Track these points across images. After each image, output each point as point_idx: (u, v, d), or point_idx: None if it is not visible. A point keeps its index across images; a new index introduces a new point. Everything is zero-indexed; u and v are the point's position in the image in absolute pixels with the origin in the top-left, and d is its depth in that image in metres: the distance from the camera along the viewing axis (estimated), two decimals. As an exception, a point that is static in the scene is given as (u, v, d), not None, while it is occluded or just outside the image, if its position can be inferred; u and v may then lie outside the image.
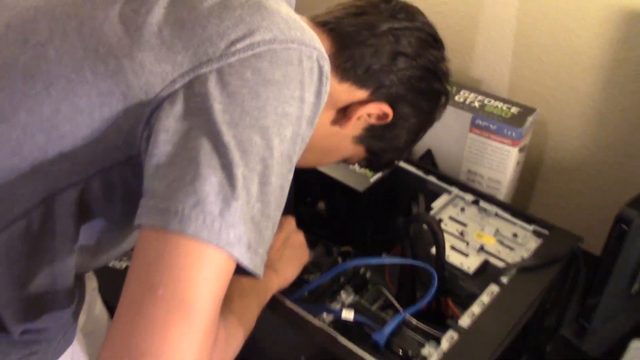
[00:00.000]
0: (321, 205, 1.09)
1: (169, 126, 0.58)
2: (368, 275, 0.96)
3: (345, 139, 0.80)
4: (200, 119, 0.58)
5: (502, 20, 1.14)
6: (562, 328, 1.02)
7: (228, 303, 0.66)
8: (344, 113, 0.76)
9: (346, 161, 0.87)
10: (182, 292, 0.53)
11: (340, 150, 0.82)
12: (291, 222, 0.88)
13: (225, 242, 0.54)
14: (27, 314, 0.70)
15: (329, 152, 0.82)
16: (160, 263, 0.54)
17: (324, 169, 1.04)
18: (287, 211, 0.83)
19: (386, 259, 0.90)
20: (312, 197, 1.09)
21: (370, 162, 0.87)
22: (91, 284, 1.00)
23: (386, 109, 0.77)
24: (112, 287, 0.55)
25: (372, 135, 0.80)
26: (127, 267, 0.74)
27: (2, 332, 0.70)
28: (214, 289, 0.55)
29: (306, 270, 0.91)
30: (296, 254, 0.85)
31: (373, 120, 0.78)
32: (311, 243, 0.91)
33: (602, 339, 1.03)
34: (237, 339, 0.65)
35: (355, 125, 0.78)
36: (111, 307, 1.04)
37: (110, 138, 0.61)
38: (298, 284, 0.86)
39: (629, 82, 1.05)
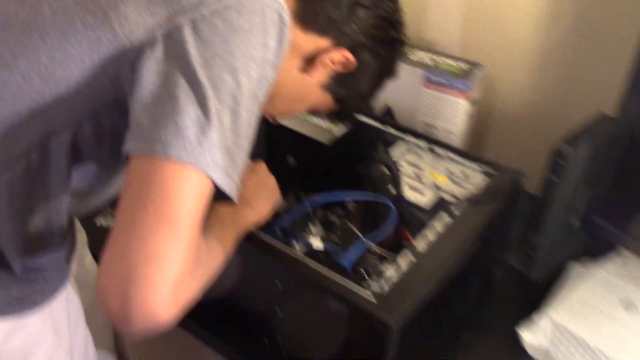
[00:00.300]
0: (291, 159, 1.17)
1: (151, 69, 0.65)
2: (335, 220, 1.04)
3: (313, 87, 0.86)
4: (178, 62, 0.64)
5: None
6: (508, 256, 1.11)
7: (208, 228, 0.73)
8: (310, 61, 0.83)
9: (316, 112, 0.93)
10: (168, 206, 0.60)
11: (309, 97, 0.88)
12: (263, 166, 0.95)
13: (203, 164, 0.62)
14: (26, 250, 0.77)
15: (299, 100, 0.89)
16: (148, 183, 0.61)
17: (293, 125, 1.11)
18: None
19: (351, 194, 0.97)
20: (282, 153, 1.17)
21: (338, 112, 0.94)
22: (81, 237, 1.07)
23: (348, 55, 0.83)
24: (101, 244, 0.62)
25: (337, 82, 0.86)
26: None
27: (5, 269, 0.77)
28: (196, 205, 0.62)
29: (278, 215, 0.98)
30: (269, 194, 0.92)
31: (337, 67, 0.85)
32: (283, 194, 0.98)
33: (545, 265, 1.11)
34: (217, 257, 0.72)
35: (321, 73, 0.84)
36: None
37: (99, 82, 0.68)
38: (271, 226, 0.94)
39: (564, 37, 1.14)
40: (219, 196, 0.67)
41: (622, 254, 1.08)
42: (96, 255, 1.10)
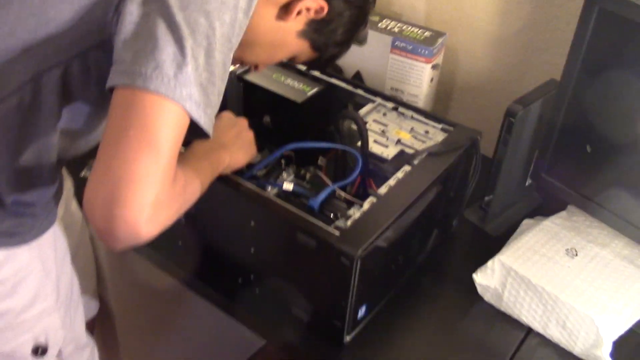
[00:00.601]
0: (267, 119, 1.20)
1: (133, 10, 0.68)
2: (307, 174, 1.08)
3: (291, 34, 0.88)
4: (157, 4, 0.68)
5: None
6: (467, 212, 1.16)
7: (185, 161, 0.77)
8: (285, 9, 0.85)
9: (294, 60, 0.95)
10: (148, 132, 0.64)
11: (287, 45, 0.90)
12: (244, 122, 0.98)
13: (179, 97, 0.65)
14: (17, 185, 0.80)
15: (277, 47, 0.90)
16: (130, 112, 0.65)
17: (268, 85, 1.15)
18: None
19: (321, 143, 1.01)
20: (258, 112, 1.20)
21: (316, 60, 0.96)
22: (67, 184, 1.09)
23: (322, 2, 0.85)
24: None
25: (313, 29, 0.88)
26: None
27: (-1, 203, 0.80)
28: (173, 133, 0.66)
29: (252, 166, 1.02)
30: (246, 146, 0.95)
31: (312, 15, 0.86)
32: (259, 149, 1.02)
33: (501, 221, 1.17)
34: (194, 186, 0.76)
35: (297, 20, 0.86)
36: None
37: (87, 23, 0.71)
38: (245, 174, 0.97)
39: (520, 9, 1.19)
40: (195, 134, 0.71)
41: (570, 210, 1.13)
42: (81, 202, 1.13)
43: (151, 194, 0.63)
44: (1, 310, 0.86)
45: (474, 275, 1.02)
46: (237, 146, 0.93)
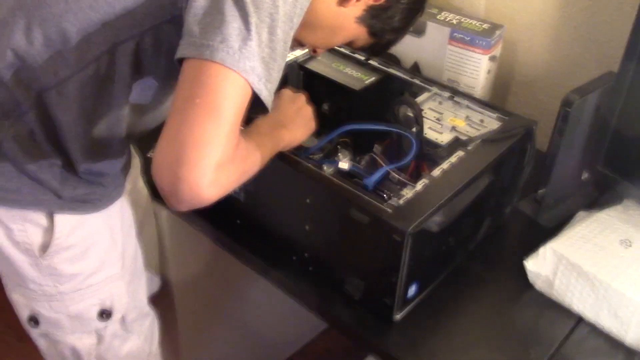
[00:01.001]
0: (325, 106, 1.22)
1: None
2: (363, 161, 1.09)
3: (349, 19, 0.89)
4: None
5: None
6: (520, 203, 1.14)
7: (248, 135, 0.80)
8: None
9: (351, 44, 0.96)
10: (213, 100, 0.66)
11: (346, 29, 0.91)
12: (303, 97, 0.99)
13: (242, 69, 0.68)
14: (90, 153, 0.85)
15: (336, 31, 0.91)
16: (196, 81, 0.68)
17: (328, 73, 1.16)
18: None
19: (378, 125, 1.01)
20: (317, 99, 1.22)
21: (373, 45, 0.97)
22: (135, 162, 1.14)
23: None
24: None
25: (371, 15, 0.89)
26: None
27: (71, 170, 0.85)
28: (236, 102, 0.68)
29: (310, 146, 1.03)
30: (305, 121, 0.97)
31: (371, 2, 0.88)
32: (317, 134, 1.03)
33: (555, 214, 1.15)
34: (255, 158, 0.78)
35: (356, 7, 0.88)
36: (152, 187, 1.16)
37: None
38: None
39: (579, 1, 1.16)
40: (255, 109, 0.73)
41: (625, 204, 1.10)
42: (149, 180, 1.17)
43: (213, 157, 0.66)
44: (72, 272, 0.91)
45: (525, 262, 1.01)
46: (297, 124, 0.95)
